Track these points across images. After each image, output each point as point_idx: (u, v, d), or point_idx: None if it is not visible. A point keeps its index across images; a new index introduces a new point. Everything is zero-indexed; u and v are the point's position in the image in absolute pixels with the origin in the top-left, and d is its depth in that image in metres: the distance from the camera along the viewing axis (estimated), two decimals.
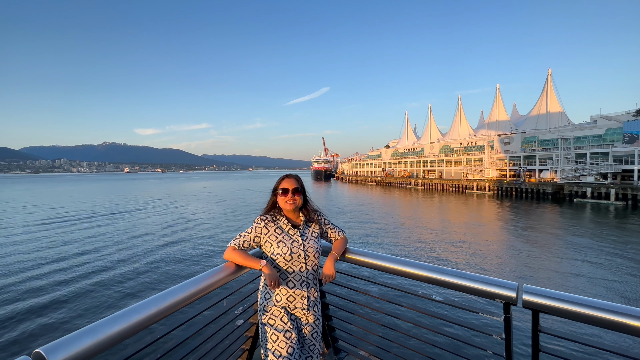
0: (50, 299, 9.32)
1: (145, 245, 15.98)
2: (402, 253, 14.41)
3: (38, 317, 8.22)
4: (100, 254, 14.32)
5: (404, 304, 1.83)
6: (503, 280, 1.32)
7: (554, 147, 44.11)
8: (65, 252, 14.53)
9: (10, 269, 12.14)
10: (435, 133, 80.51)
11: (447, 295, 7.54)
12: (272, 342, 1.59)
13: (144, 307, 1.14)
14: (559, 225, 21.18)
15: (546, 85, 56.79)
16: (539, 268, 12.01)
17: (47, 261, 13.16)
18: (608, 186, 33.59)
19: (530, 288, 1.24)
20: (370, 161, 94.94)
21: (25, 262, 13.07)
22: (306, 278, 1.67)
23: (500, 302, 1.31)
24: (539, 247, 15.24)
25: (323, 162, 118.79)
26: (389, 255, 1.72)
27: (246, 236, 1.69)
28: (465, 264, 12.60)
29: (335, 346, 2.31)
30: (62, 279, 11.05)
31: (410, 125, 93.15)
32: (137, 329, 1.08)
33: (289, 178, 1.78)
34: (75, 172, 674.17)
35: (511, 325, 1.34)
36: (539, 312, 1.23)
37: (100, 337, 0.98)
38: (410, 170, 73.36)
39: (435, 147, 70.96)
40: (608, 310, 1.08)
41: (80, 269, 12.14)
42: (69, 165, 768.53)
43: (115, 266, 12.44)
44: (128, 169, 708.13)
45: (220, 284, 1.50)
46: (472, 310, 1.53)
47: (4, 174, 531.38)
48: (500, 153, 52.88)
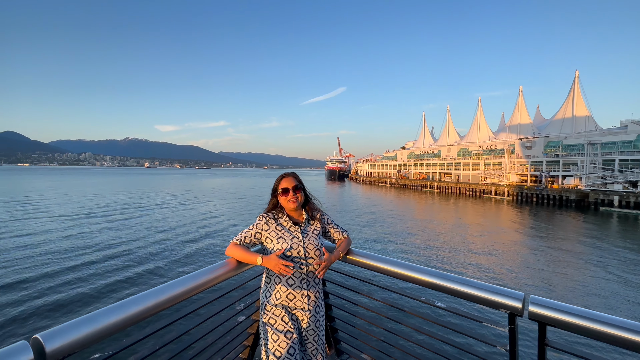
0: (68, 288, 9.76)
1: (167, 241, 16.45)
2: (412, 257, 14.18)
3: (53, 303, 8.63)
4: (124, 248, 14.85)
5: (406, 308, 1.80)
6: (509, 289, 1.26)
7: (579, 153, 42.20)
8: (93, 243, 15.18)
9: (35, 254, 12.80)
10: (453, 135, 78.72)
11: (450, 302, 7.35)
12: (273, 342, 1.58)
13: (142, 300, 1.16)
14: (582, 235, 20.23)
15: (573, 88, 54.38)
16: (555, 280, 11.48)
17: (78, 250, 13.79)
18: (638, 195, 31.80)
19: (537, 299, 1.18)
20: (385, 162, 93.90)
21: (55, 249, 13.74)
22: (306, 276, 1.66)
23: (505, 312, 1.25)
24: (558, 257, 14.62)
25: (337, 162, 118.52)
26: (392, 258, 1.69)
27: (247, 232, 1.69)
28: (476, 270, 12.25)
29: (337, 348, 2.29)
30: (81, 267, 11.55)
31: (427, 126, 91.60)
32: (135, 320, 1.11)
33: (287, 177, 1.76)
34: (99, 166, 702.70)
35: (516, 336, 1.28)
36: (546, 324, 1.17)
37: (98, 327, 1.00)
38: (426, 173, 72.01)
39: (452, 150, 69.36)
40: (621, 327, 1.01)
41: (103, 259, 12.64)
42: (93, 159, 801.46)
43: (138, 258, 12.88)
44: (148, 164, 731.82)
45: (220, 279, 1.51)
46: (476, 319, 1.48)
47: (34, 166, 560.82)
48: (521, 157, 51.03)
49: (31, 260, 12.20)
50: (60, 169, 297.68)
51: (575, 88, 54.05)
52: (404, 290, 1.79)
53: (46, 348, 0.87)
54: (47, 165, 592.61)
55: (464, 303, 7.27)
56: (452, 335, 1.69)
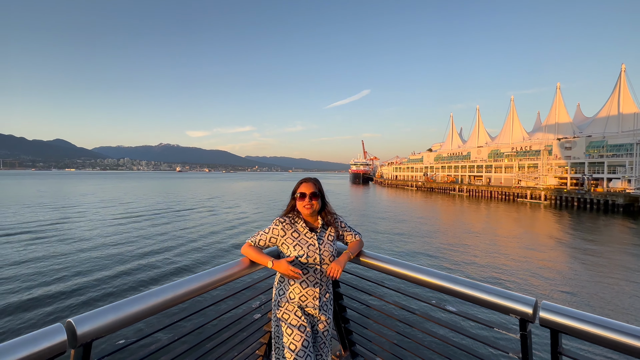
0: (118, 278, 10.51)
1: (200, 240, 17.20)
2: (438, 262, 13.71)
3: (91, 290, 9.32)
4: (161, 245, 15.73)
5: (417, 312, 1.79)
6: (519, 294, 1.23)
7: (627, 153, 38.79)
8: (130, 243, 16.23)
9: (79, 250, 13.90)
10: (483, 136, 75.37)
11: (461, 305, 7.04)
12: (288, 335, 1.63)
13: (162, 292, 1.27)
14: (630, 243, 18.53)
15: (618, 83, 50.18)
16: (596, 293, 10.54)
17: (124, 245, 14.82)
18: None
19: (549, 305, 1.14)
20: (411, 165, 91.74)
21: (96, 245, 14.85)
22: (319, 280, 1.71)
23: (515, 317, 1.22)
24: (601, 265, 13.49)
25: (362, 165, 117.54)
26: (402, 260, 1.70)
27: (263, 235, 1.75)
28: (503, 275, 11.60)
29: (352, 350, 2.31)
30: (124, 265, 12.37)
31: (455, 127, 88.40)
32: (154, 310, 1.22)
33: (307, 182, 1.80)
34: (135, 170, 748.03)
35: (528, 343, 1.24)
36: (559, 332, 1.12)
37: (122, 315, 1.11)
38: (455, 176, 69.40)
39: (483, 152, 66.36)
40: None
41: (145, 257, 13.48)
42: (130, 163, 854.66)
43: (172, 256, 13.61)
44: (180, 168, 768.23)
45: (234, 277, 1.59)
46: (487, 324, 1.44)
47: (79, 171, 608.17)
48: (559, 159, 47.76)
49: (82, 255, 13.29)
50: (102, 174, 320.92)
51: (622, 83, 49.84)
52: (415, 293, 1.78)
53: (77, 331, 0.98)
54: (91, 170, 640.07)
55: (476, 307, 6.98)
56: (464, 340, 1.65)
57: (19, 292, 9.51)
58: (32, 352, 0.85)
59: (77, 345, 1.00)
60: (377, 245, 16.58)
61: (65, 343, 0.93)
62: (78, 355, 1.04)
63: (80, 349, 1.03)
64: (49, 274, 11.18)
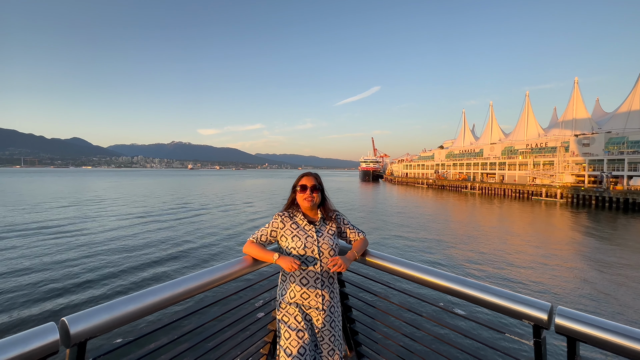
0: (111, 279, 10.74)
1: (213, 236, 17.44)
2: (452, 263, 13.49)
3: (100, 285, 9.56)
4: (174, 242, 16.02)
5: (424, 314, 1.73)
6: (533, 299, 1.15)
7: None
8: (146, 238, 16.60)
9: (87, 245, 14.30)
10: (496, 133, 73.59)
11: (471, 309, 6.84)
12: (285, 339, 1.61)
13: (159, 291, 1.24)
14: None
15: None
16: (613, 295, 10.10)
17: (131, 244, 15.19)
18: None
19: (565, 311, 1.06)
20: (421, 162, 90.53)
21: (106, 240, 15.25)
22: (321, 276, 1.66)
23: (529, 323, 1.15)
24: (621, 267, 13.00)
25: (372, 162, 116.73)
26: (408, 261, 1.64)
27: (264, 230, 1.74)
28: (513, 277, 11.30)
29: (358, 350, 2.27)
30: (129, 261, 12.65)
31: (467, 124, 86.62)
32: (151, 310, 1.19)
33: (308, 176, 1.81)
34: (148, 168, 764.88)
35: (543, 351, 1.16)
36: (576, 340, 1.05)
37: (117, 314, 1.09)
38: (467, 173, 68.10)
39: (496, 149, 64.84)
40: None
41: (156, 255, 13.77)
42: (144, 161, 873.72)
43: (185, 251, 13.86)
44: (191, 165, 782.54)
45: (236, 276, 1.56)
46: (499, 330, 1.37)
47: (95, 168, 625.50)
48: (576, 156, 46.20)
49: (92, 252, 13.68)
50: (117, 171, 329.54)
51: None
52: (422, 295, 1.72)
53: (70, 330, 0.97)
54: (106, 168, 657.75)
55: (486, 312, 6.80)
56: (473, 345, 1.58)
57: (16, 290, 9.32)
58: (24, 352, 0.83)
59: (71, 345, 0.98)
60: (385, 244, 16.43)
61: (57, 342, 0.92)
62: (73, 354, 1.02)
63: (75, 348, 1.02)
64: (74, 266, 11.50)
